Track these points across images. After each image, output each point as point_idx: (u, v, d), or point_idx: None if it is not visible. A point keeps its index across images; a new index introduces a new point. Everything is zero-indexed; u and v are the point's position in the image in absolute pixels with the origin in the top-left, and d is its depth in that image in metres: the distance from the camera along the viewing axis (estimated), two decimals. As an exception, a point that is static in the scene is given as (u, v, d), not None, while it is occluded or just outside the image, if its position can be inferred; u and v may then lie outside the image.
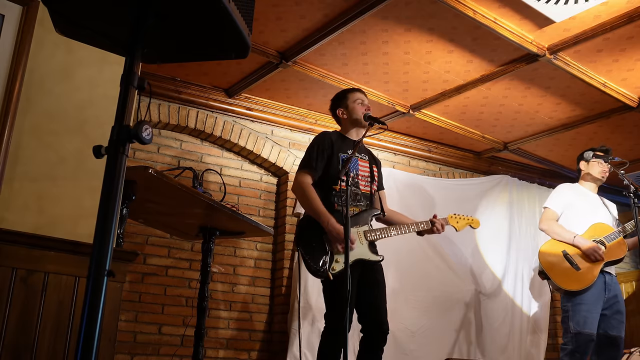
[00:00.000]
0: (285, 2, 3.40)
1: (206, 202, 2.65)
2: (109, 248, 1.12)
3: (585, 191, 3.99)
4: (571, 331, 3.60)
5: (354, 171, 3.13)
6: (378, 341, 2.97)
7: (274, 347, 4.50)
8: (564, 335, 3.68)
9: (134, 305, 4.06)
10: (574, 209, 3.90)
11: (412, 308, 4.85)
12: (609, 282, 3.73)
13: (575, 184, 4.06)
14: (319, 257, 2.93)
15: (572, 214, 3.89)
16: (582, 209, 3.89)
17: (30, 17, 2.28)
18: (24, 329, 2.01)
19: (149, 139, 1.17)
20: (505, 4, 3.35)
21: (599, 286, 3.69)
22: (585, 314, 3.59)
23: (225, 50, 1.38)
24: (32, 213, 2.17)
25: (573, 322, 3.60)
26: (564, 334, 3.69)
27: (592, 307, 3.62)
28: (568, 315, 3.65)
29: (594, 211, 3.91)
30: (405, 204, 4.64)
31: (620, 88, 4.31)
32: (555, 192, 4.03)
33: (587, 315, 3.59)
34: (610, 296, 3.71)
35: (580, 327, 3.57)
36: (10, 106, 2.16)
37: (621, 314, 3.71)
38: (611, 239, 3.76)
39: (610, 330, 3.66)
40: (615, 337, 3.66)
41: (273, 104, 4.80)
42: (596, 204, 3.97)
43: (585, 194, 3.98)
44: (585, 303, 3.62)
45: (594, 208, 3.93)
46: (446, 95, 4.49)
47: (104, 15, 1.29)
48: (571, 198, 3.94)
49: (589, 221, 3.83)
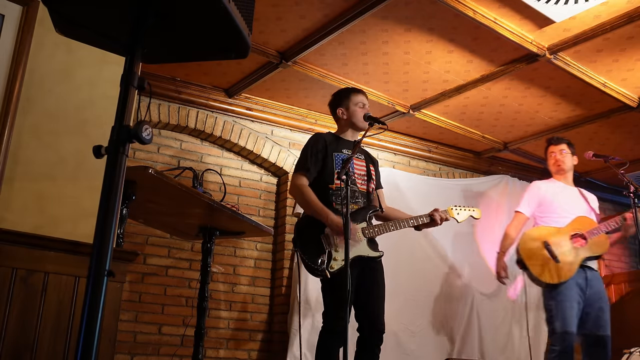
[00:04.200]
0: (285, 2, 3.40)
1: (206, 202, 2.65)
2: (109, 248, 1.12)
3: (561, 185, 3.94)
4: (558, 331, 3.52)
5: (350, 169, 3.13)
6: (373, 340, 2.97)
7: (274, 347, 4.50)
8: (550, 336, 3.59)
9: (134, 305, 4.06)
10: (551, 204, 3.85)
11: (412, 308, 4.85)
12: (590, 278, 3.66)
13: (550, 179, 4.01)
14: (317, 256, 2.94)
15: (549, 209, 3.85)
16: (559, 204, 3.84)
17: (30, 17, 2.29)
18: (24, 329, 2.01)
19: (149, 139, 1.17)
20: (505, 4, 3.35)
21: (579, 281, 3.62)
22: (569, 312, 3.53)
23: (226, 50, 1.38)
24: (32, 213, 2.17)
25: (559, 322, 3.53)
26: (550, 334, 3.60)
27: (575, 304, 3.56)
28: (553, 315, 3.57)
29: (572, 204, 3.85)
30: (406, 204, 4.64)
31: (620, 88, 4.31)
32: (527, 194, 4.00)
33: (571, 314, 3.53)
34: (592, 292, 3.63)
35: (566, 327, 3.50)
36: (10, 106, 2.16)
37: (605, 311, 3.64)
38: (594, 234, 3.70)
39: (597, 330, 3.59)
40: (604, 337, 3.59)
41: (273, 104, 4.80)
42: (574, 196, 3.91)
43: (561, 188, 3.92)
44: (568, 300, 3.55)
45: (572, 201, 3.87)
46: (446, 95, 4.49)
47: (104, 15, 1.29)
48: (542, 196, 3.90)
49: (569, 214, 3.78)
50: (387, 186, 3.57)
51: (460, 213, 3.37)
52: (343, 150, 3.19)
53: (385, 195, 3.37)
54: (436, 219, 3.19)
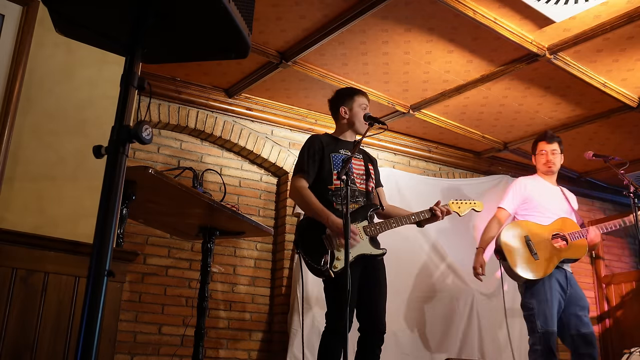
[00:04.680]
0: (285, 2, 3.40)
1: (206, 202, 2.65)
2: (109, 248, 1.12)
3: (546, 184, 3.94)
4: (539, 330, 3.50)
5: (350, 168, 3.13)
6: (374, 340, 2.97)
7: (274, 347, 4.50)
8: (531, 335, 3.58)
9: (134, 305, 4.06)
10: (534, 202, 3.85)
11: (412, 308, 4.85)
12: (570, 278, 3.68)
13: (534, 176, 4.02)
14: (320, 256, 2.93)
15: (531, 207, 3.85)
16: (541, 202, 3.84)
17: (30, 17, 2.29)
18: (24, 329, 2.01)
19: (149, 139, 1.17)
20: (505, 4, 3.35)
21: (560, 280, 3.63)
22: (551, 311, 3.52)
23: (226, 50, 1.38)
24: (32, 213, 2.17)
25: (540, 321, 3.51)
26: (530, 333, 3.59)
27: (555, 302, 3.57)
28: (533, 314, 3.55)
29: (554, 204, 3.85)
30: (406, 204, 4.63)
31: (620, 88, 4.31)
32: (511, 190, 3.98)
33: (552, 313, 3.53)
34: (572, 292, 3.64)
35: (547, 326, 3.50)
36: (10, 106, 2.16)
37: (587, 309, 3.66)
38: (575, 237, 3.71)
39: (582, 329, 3.58)
40: (589, 334, 3.58)
41: (273, 104, 4.80)
42: (557, 196, 3.92)
43: (546, 187, 3.92)
44: (549, 300, 3.55)
45: (555, 201, 3.88)
46: (446, 95, 4.49)
47: (104, 15, 1.29)
48: (528, 194, 3.89)
49: (551, 214, 3.78)
50: (387, 186, 3.57)
51: (461, 206, 3.35)
52: (341, 150, 3.19)
53: (385, 195, 3.37)
54: (437, 213, 3.17)
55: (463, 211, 3.35)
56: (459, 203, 3.35)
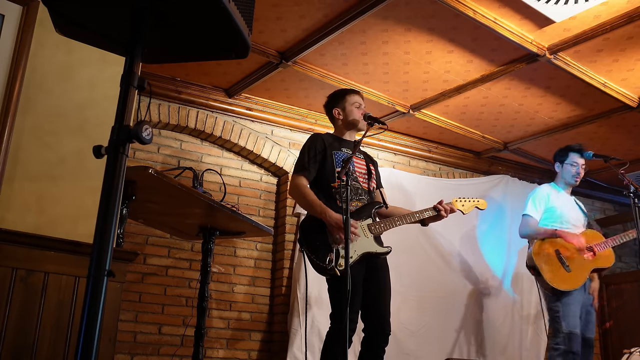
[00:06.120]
0: (285, 2, 3.40)
1: (206, 202, 2.65)
2: (109, 248, 1.12)
3: (565, 194, 4.05)
4: (563, 331, 3.62)
5: (351, 168, 3.12)
6: (379, 341, 2.96)
7: (274, 347, 4.50)
8: (555, 335, 3.69)
9: (134, 305, 4.06)
10: (555, 212, 3.95)
11: (412, 308, 4.85)
12: (587, 285, 3.83)
13: (552, 185, 4.10)
14: (325, 254, 2.91)
15: (552, 217, 3.94)
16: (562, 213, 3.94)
17: (30, 17, 2.29)
18: (24, 329, 2.01)
19: (149, 139, 1.17)
20: (505, 4, 3.35)
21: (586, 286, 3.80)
22: (575, 314, 3.65)
23: (226, 50, 1.38)
24: (32, 213, 2.17)
25: (565, 322, 3.63)
26: (555, 334, 3.69)
27: (579, 307, 3.70)
28: (559, 315, 3.67)
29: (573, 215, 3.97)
30: (406, 204, 4.63)
31: (620, 88, 4.31)
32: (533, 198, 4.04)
33: (576, 317, 3.66)
34: (586, 297, 3.81)
35: (571, 327, 3.61)
36: (10, 106, 2.16)
37: (593, 315, 3.83)
38: (602, 248, 3.85)
39: (586, 333, 3.74)
40: (591, 339, 3.77)
41: (273, 104, 4.80)
42: (574, 207, 4.04)
43: (564, 197, 4.04)
44: (574, 303, 3.67)
45: (573, 212, 3.99)
46: (446, 95, 4.49)
47: (104, 15, 1.29)
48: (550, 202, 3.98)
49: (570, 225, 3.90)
50: (387, 186, 3.57)
51: (465, 204, 3.35)
52: (342, 149, 3.19)
53: (387, 196, 3.37)
54: (442, 211, 3.17)
55: (467, 209, 3.35)
56: (463, 201, 3.35)
